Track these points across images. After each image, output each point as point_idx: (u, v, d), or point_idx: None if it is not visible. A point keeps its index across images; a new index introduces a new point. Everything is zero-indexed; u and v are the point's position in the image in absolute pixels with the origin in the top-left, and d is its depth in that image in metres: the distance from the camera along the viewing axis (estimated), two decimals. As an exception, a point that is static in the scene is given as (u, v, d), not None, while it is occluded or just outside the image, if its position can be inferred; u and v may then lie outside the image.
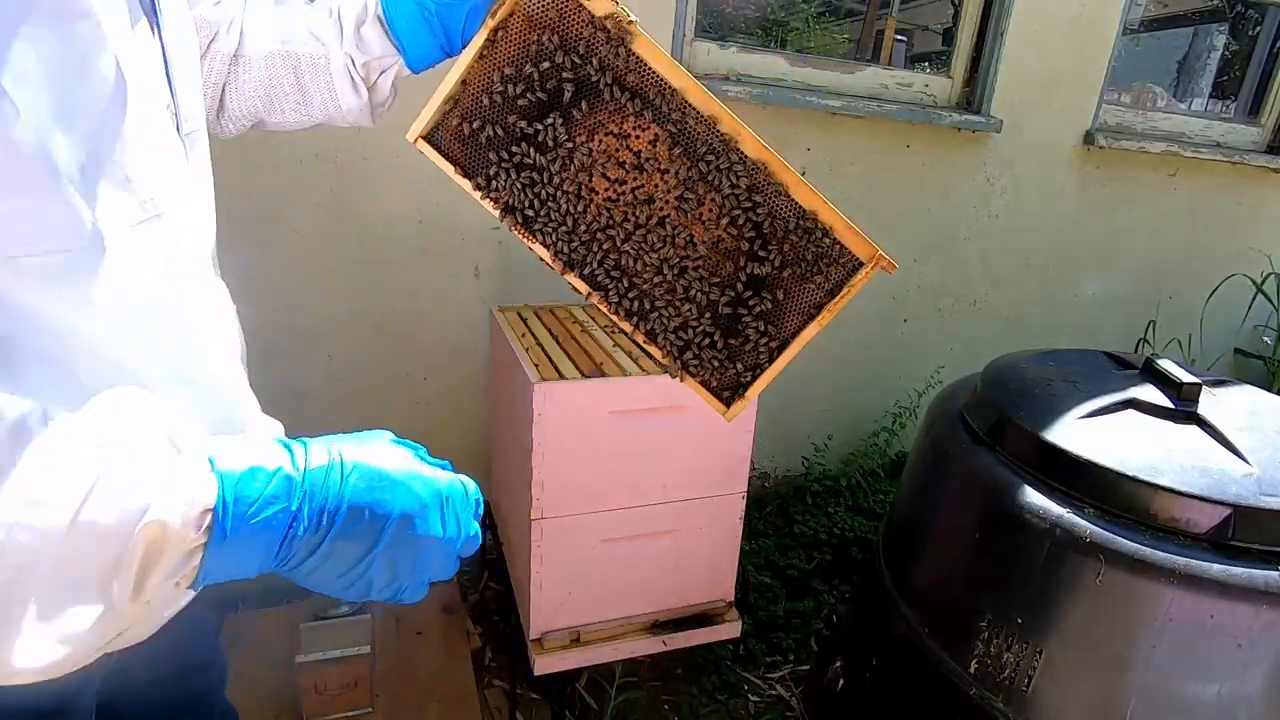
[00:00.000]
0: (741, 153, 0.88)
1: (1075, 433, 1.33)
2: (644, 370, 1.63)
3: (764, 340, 0.96)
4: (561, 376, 1.56)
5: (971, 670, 1.36)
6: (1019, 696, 1.30)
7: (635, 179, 0.88)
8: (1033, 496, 1.29)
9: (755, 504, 2.66)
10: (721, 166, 0.88)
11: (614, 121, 0.86)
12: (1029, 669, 1.29)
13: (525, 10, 0.83)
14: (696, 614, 1.83)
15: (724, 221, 0.90)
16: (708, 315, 0.94)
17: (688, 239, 0.91)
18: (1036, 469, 1.33)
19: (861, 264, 0.93)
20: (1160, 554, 1.16)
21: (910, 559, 1.59)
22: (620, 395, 1.59)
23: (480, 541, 0.65)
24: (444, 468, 0.63)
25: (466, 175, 0.89)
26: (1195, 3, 4.15)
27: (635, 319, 0.95)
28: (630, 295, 0.94)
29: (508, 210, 0.90)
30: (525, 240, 0.91)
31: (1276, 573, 1.15)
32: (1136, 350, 3.08)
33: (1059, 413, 1.38)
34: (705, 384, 0.98)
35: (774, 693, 2.03)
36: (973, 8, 2.49)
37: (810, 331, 0.95)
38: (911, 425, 2.79)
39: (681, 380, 0.98)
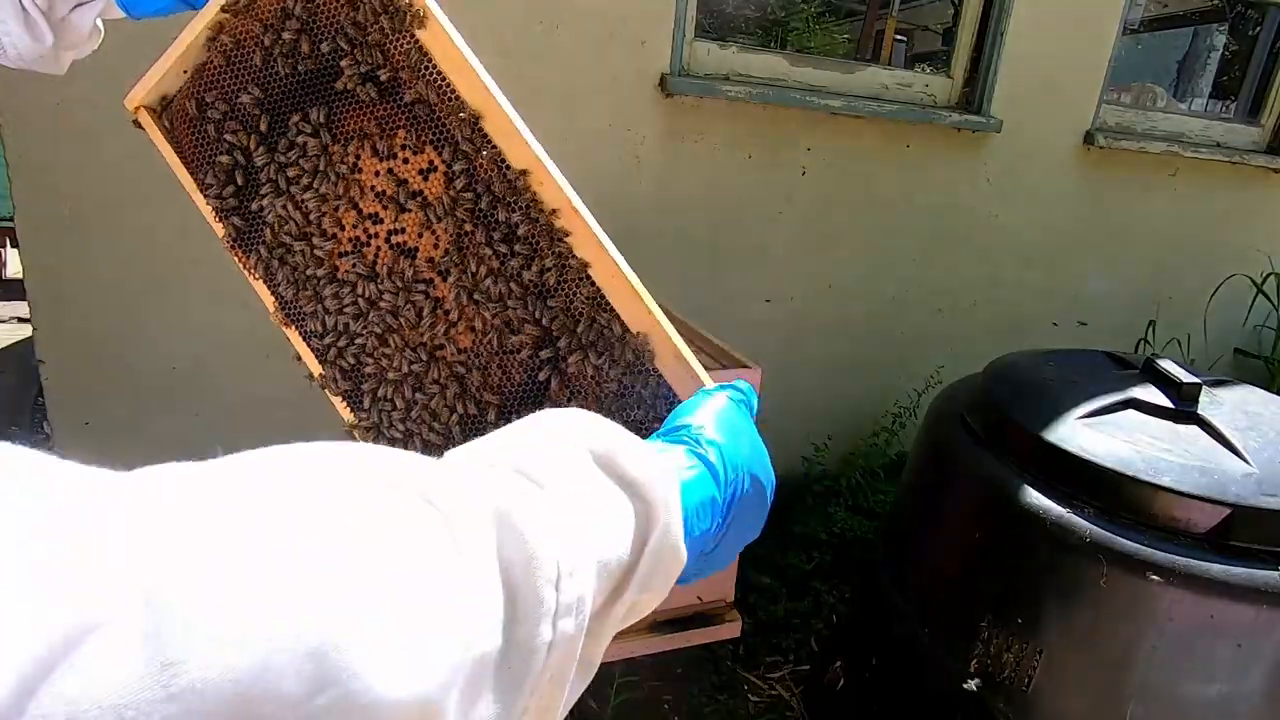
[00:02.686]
0: (544, 213, 0.61)
1: (1075, 432, 1.33)
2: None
3: None
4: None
5: (971, 670, 1.36)
6: (1019, 696, 1.30)
7: (393, 219, 0.64)
8: (1033, 496, 1.29)
9: (755, 504, 2.65)
10: (509, 225, 0.62)
11: (378, 132, 0.63)
12: (1029, 669, 1.29)
13: None
14: (696, 614, 1.83)
15: (509, 305, 0.63)
16: (468, 432, 0.66)
17: (450, 320, 0.64)
18: (1036, 469, 1.33)
19: None
20: (1160, 554, 1.16)
21: (910, 559, 1.59)
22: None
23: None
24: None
25: (190, 170, 0.68)
26: (1195, 3, 4.16)
27: (361, 411, 0.69)
28: (355, 377, 0.68)
29: (223, 217, 0.68)
30: (244, 270, 0.70)
31: (1276, 573, 1.15)
32: (1136, 350, 3.08)
33: (1059, 413, 1.38)
34: None
35: (774, 693, 2.03)
36: (973, 8, 2.49)
37: None
38: (911, 425, 2.78)
39: None
